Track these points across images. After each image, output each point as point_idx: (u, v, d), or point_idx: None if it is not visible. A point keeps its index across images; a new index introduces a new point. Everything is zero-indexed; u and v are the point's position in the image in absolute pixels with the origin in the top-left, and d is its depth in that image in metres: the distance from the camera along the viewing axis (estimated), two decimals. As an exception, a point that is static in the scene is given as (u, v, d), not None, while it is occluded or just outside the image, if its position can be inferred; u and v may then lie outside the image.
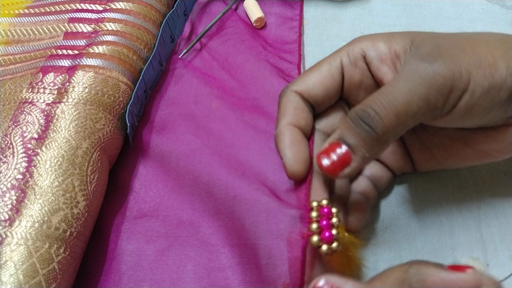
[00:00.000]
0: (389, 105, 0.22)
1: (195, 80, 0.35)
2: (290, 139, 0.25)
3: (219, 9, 0.39)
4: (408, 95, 0.22)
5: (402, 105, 0.22)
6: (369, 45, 0.26)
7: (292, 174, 0.25)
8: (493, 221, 0.29)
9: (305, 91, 0.26)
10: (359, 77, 0.26)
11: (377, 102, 0.22)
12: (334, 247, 0.23)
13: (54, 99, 0.28)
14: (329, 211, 0.24)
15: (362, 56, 0.26)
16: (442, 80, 0.22)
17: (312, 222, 0.24)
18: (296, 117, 0.26)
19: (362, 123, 0.22)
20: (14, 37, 0.33)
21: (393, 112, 0.22)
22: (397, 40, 0.25)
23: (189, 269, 0.27)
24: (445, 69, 0.22)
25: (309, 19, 0.39)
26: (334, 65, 0.26)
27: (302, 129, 0.26)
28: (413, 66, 0.22)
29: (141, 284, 0.27)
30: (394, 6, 0.40)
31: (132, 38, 0.32)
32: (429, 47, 0.23)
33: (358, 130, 0.22)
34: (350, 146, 0.23)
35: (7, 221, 0.24)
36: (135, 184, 0.31)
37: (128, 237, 0.29)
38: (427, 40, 0.24)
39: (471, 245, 0.28)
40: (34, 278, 0.23)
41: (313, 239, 0.23)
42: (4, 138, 0.27)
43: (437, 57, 0.22)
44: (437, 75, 0.22)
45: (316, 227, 0.23)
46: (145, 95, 0.34)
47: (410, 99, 0.22)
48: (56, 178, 0.26)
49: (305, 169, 0.25)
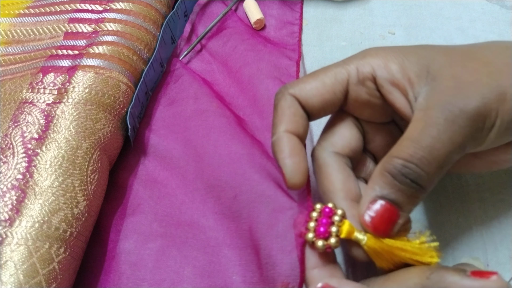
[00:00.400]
0: (433, 159, 0.21)
1: (195, 80, 0.35)
2: (290, 148, 0.24)
3: (219, 9, 0.39)
4: (449, 145, 0.21)
5: (444, 157, 0.21)
6: (382, 65, 0.24)
7: (293, 186, 0.24)
8: (493, 220, 0.29)
9: (303, 99, 0.25)
10: (366, 97, 0.25)
11: (419, 156, 0.21)
12: (332, 242, 0.23)
13: (54, 99, 0.28)
14: (330, 210, 0.24)
15: (372, 76, 0.24)
16: (476, 125, 0.21)
17: (311, 221, 0.24)
18: (295, 124, 0.25)
19: (408, 181, 0.21)
20: (14, 37, 0.33)
21: (436, 165, 0.21)
22: (411, 63, 0.24)
23: (188, 269, 0.27)
24: (477, 113, 0.21)
25: (309, 19, 0.39)
26: (339, 80, 0.25)
27: (300, 137, 0.25)
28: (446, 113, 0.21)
29: (141, 284, 0.27)
30: (394, 6, 0.40)
31: (132, 38, 0.32)
32: (452, 82, 0.22)
33: (403, 188, 0.22)
34: (396, 204, 0.22)
35: (7, 221, 0.24)
36: (134, 184, 0.31)
37: (127, 236, 0.29)
38: (444, 71, 0.23)
39: (471, 245, 0.28)
40: (34, 278, 0.23)
41: (308, 236, 0.23)
42: (4, 138, 0.27)
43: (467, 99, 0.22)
44: (472, 121, 0.21)
45: (313, 225, 0.23)
46: (146, 96, 0.34)
47: (451, 149, 0.21)
48: (56, 178, 0.26)
49: (305, 179, 0.24)
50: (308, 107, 0.25)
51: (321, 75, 0.25)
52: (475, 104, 0.21)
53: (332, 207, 0.24)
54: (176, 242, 0.28)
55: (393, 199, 0.22)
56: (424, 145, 0.21)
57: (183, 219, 0.29)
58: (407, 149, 0.22)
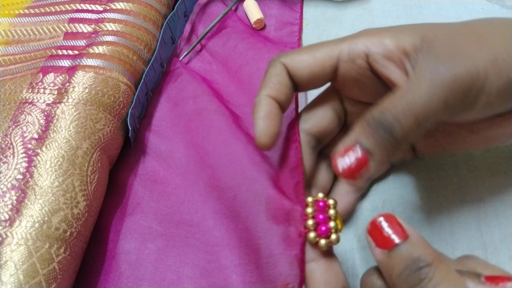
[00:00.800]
0: (409, 110, 0.22)
1: (194, 79, 0.35)
2: (266, 111, 0.25)
3: (219, 10, 0.39)
4: (428, 99, 0.22)
5: (421, 110, 0.22)
6: (375, 41, 0.25)
7: (259, 145, 0.25)
8: (493, 220, 0.29)
9: (292, 69, 0.26)
10: (355, 75, 0.26)
11: (396, 107, 0.22)
12: (333, 239, 0.23)
13: (54, 99, 0.28)
14: (324, 204, 0.24)
15: (365, 53, 0.25)
16: (461, 83, 0.21)
17: (308, 219, 0.24)
18: (278, 91, 0.26)
19: (381, 128, 0.22)
20: (14, 37, 0.33)
21: (412, 117, 0.22)
22: (405, 35, 0.24)
23: (188, 269, 0.27)
24: (464, 71, 0.21)
25: (309, 19, 0.39)
26: (330, 56, 0.26)
27: (281, 104, 0.26)
28: (431, 68, 0.22)
29: (140, 284, 0.27)
30: (394, 6, 0.40)
31: (132, 38, 0.32)
32: (444, 45, 0.23)
33: (376, 135, 0.22)
34: (367, 150, 0.22)
35: (7, 221, 0.24)
36: (134, 184, 0.31)
37: (127, 236, 0.29)
38: (440, 37, 0.23)
39: (471, 244, 0.28)
40: (34, 278, 0.23)
41: (310, 236, 0.23)
42: (4, 138, 0.27)
43: (455, 58, 0.22)
44: (456, 78, 0.21)
45: (312, 224, 0.23)
46: (147, 97, 0.34)
47: (429, 103, 0.22)
48: (56, 178, 0.26)
49: (272, 142, 0.25)
50: (296, 78, 0.26)
51: (314, 49, 0.26)
52: (464, 66, 0.22)
53: (323, 199, 0.24)
54: (176, 242, 0.28)
55: (365, 146, 0.22)
56: (404, 100, 0.22)
57: (183, 219, 0.29)
58: (387, 102, 0.22)
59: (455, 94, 0.22)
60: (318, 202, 0.24)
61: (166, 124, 0.33)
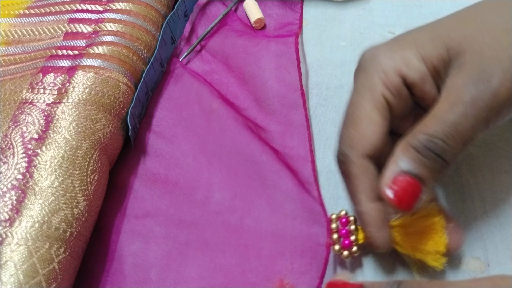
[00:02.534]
0: (458, 134, 0.22)
1: (196, 81, 0.35)
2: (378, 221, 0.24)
3: (219, 10, 0.39)
4: (474, 121, 0.22)
5: (468, 132, 0.22)
6: (402, 65, 0.24)
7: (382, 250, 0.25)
8: (493, 220, 0.29)
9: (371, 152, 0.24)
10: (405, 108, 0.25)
11: (445, 131, 0.22)
12: (354, 251, 0.26)
13: (54, 100, 0.28)
14: (346, 220, 0.26)
15: (402, 81, 0.24)
16: (499, 99, 0.22)
17: (333, 233, 0.26)
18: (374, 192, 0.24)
19: (433, 155, 0.22)
20: (14, 37, 0.33)
21: (461, 140, 0.22)
22: (429, 50, 0.23)
23: (191, 269, 0.27)
24: (499, 84, 0.22)
25: (309, 19, 0.39)
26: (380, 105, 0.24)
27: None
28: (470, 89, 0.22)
29: (143, 284, 0.27)
30: (394, 6, 0.40)
31: (132, 38, 0.32)
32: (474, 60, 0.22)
33: (427, 162, 0.22)
34: (420, 178, 0.22)
35: (7, 221, 0.24)
36: (135, 184, 0.31)
37: (129, 237, 0.29)
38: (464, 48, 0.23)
39: (472, 244, 0.28)
40: (34, 278, 0.23)
41: (335, 248, 0.26)
42: (4, 139, 0.27)
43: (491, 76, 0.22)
44: (495, 95, 0.22)
45: (336, 238, 0.26)
46: (147, 97, 0.34)
47: (475, 124, 0.22)
48: (56, 179, 0.26)
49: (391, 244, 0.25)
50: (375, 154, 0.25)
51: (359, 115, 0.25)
52: (498, 79, 0.22)
53: (345, 215, 0.26)
54: (178, 242, 0.28)
55: (416, 173, 0.22)
56: (450, 122, 0.22)
57: (184, 219, 0.29)
58: (433, 125, 0.22)
59: (496, 110, 0.22)
60: (341, 218, 0.26)
61: (167, 124, 0.33)
